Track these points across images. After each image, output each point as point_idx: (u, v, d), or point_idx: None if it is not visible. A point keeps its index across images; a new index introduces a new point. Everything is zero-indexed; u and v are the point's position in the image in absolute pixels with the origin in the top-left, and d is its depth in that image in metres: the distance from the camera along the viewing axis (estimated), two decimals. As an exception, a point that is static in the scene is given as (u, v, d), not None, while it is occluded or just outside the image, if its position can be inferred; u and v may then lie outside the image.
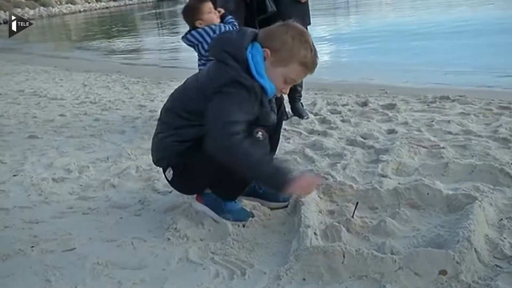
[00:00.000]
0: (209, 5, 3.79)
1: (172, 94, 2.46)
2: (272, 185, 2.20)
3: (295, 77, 2.26)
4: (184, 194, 2.64)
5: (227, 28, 3.76)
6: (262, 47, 2.18)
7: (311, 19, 4.34)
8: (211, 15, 3.78)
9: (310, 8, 4.34)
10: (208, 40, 3.73)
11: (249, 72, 2.14)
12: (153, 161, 2.56)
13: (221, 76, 2.14)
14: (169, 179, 2.47)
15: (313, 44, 2.22)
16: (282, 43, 2.17)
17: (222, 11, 3.97)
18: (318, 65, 2.26)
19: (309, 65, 2.22)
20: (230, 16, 3.96)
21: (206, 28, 3.76)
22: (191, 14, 3.79)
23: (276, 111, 2.42)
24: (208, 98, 2.14)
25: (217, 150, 2.07)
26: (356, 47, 10.64)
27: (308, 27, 3.98)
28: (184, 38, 3.89)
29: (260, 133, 2.19)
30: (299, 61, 2.19)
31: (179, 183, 2.47)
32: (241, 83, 2.11)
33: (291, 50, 2.16)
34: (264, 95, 2.21)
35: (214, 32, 3.74)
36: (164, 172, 2.48)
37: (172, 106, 2.39)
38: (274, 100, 2.43)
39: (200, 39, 3.79)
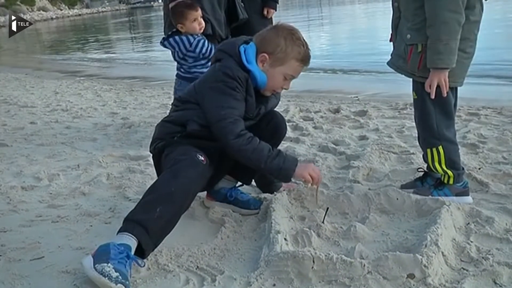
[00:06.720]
0: (195, 14, 3.68)
1: None
2: (283, 176, 2.39)
3: (293, 72, 2.44)
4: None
5: (205, 43, 3.74)
6: (259, 52, 2.38)
7: None
8: (194, 24, 3.69)
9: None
10: (183, 49, 3.73)
11: (242, 64, 2.35)
12: None
13: (214, 73, 2.38)
14: (152, 153, 2.52)
15: (303, 39, 2.41)
16: (276, 45, 2.37)
17: None
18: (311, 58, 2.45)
19: (304, 59, 2.41)
20: None
21: (183, 37, 3.71)
22: (176, 16, 3.71)
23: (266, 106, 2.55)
24: (200, 93, 2.40)
25: (233, 153, 2.32)
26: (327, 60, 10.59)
27: None
28: (162, 42, 3.85)
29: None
30: (295, 58, 2.38)
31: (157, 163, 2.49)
32: (228, 75, 2.31)
33: (286, 50, 2.36)
34: (253, 85, 2.37)
35: (190, 44, 3.70)
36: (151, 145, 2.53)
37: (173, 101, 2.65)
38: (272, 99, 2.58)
39: (176, 47, 3.76)
